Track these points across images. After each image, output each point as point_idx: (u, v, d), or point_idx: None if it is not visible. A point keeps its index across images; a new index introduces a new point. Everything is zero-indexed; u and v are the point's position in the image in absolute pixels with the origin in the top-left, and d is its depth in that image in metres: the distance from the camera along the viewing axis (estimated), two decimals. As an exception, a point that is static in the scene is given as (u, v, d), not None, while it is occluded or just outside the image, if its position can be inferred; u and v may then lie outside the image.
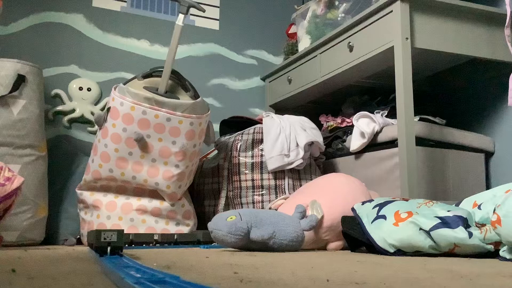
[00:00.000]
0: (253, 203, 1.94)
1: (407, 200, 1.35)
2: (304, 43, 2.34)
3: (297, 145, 1.94)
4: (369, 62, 1.88)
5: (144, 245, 1.70)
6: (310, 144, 1.98)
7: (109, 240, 0.92)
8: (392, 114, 1.96)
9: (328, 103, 2.48)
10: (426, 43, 1.73)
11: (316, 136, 2.00)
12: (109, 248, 0.92)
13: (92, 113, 2.30)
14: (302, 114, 2.16)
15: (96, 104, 2.35)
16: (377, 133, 1.94)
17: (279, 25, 2.82)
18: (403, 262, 1.01)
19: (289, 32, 2.70)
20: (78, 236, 1.97)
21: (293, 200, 1.66)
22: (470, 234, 1.11)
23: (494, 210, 1.09)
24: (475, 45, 1.81)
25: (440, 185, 1.87)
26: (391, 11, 1.73)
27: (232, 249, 1.46)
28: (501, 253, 1.09)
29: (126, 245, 1.66)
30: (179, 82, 1.91)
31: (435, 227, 1.15)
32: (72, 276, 0.71)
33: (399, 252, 1.23)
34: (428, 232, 1.16)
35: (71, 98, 2.31)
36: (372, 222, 1.31)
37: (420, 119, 1.93)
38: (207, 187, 2.12)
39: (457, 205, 1.30)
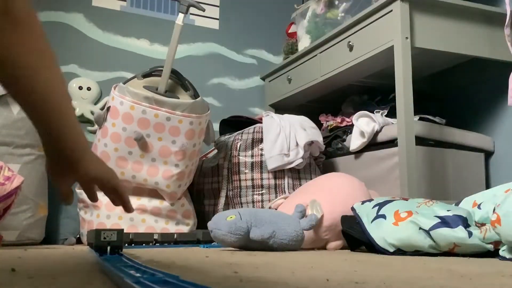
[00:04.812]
0: (253, 202, 1.94)
1: (406, 200, 1.35)
2: (304, 43, 2.34)
3: (297, 144, 1.94)
4: (369, 61, 1.88)
5: (144, 244, 1.70)
6: (310, 143, 1.98)
7: (108, 240, 0.92)
8: (392, 114, 1.96)
9: (328, 103, 2.48)
10: (426, 43, 1.73)
11: (316, 135, 1.99)
12: (108, 248, 0.92)
13: (92, 113, 2.30)
14: (302, 113, 2.16)
15: (96, 103, 2.35)
16: (377, 133, 1.94)
17: (279, 24, 2.81)
18: (403, 262, 1.01)
19: (289, 31, 2.70)
20: (78, 236, 1.97)
21: (293, 200, 1.66)
22: (470, 234, 1.11)
23: (494, 209, 1.09)
24: (475, 44, 1.81)
25: (439, 185, 1.87)
26: (391, 11, 1.73)
27: (232, 248, 1.46)
28: (501, 252, 1.09)
29: (126, 245, 1.66)
30: (178, 82, 1.91)
31: (435, 226, 1.15)
32: (72, 275, 0.71)
33: (399, 251, 1.23)
34: (427, 232, 1.16)
35: (70, 98, 2.31)
36: (372, 222, 1.31)
37: (420, 119, 1.93)
38: (206, 187, 2.12)
39: (457, 204, 1.30)
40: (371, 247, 1.29)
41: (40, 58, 0.66)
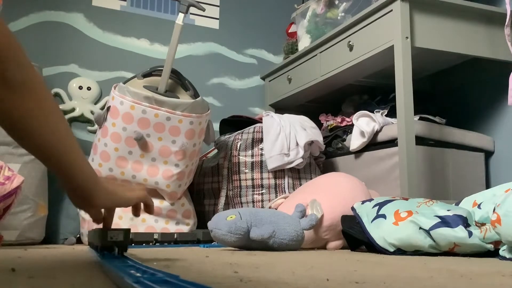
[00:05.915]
0: (253, 202, 1.94)
1: (407, 199, 1.35)
2: (304, 42, 2.34)
3: (297, 144, 1.94)
4: (369, 61, 1.88)
5: (144, 244, 1.70)
6: (310, 143, 1.98)
7: (115, 240, 0.90)
8: (392, 113, 1.96)
9: (328, 103, 2.48)
10: (426, 42, 1.73)
11: (316, 135, 1.99)
12: (116, 248, 0.90)
13: (92, 112, 2.30)
14: (302, 113, 2.16)
15: (96, 103, 2.35)
16: (377, 132, 1.94)
17: (279, 24, 2.81)
18: (403, 262, 1.01)
19: (289, 31, 2.70)
20: (78, 235, 1.97)
21: (293, 199, 1.66)
22: (470, 234, 1.11)
23: (494, 209, 1.09)
24: (475, 44, 1.81)
25: (440, 184, 1.87)
26: (391, 10, 1.73)
27: (232, 248, 1.46)
28: (501, 252, 1.09)
29: (126, 244, 1.66)
30: (179, 81, 1.91)
31: (435, 226, 1.15)
32: (72, 275, 0.71)
33: (399, 251, 1.23)
34: (428, 231, 1.16)
35: (71, 97, 2.31)
36: (372, 221, 1.31)
37: (420, 119, 1.93)
38: (207, 186, 2.12)
39: (457, 204, 1.30)
40: (371, 247, 1.29)
41: (42, 116, 0.68)
